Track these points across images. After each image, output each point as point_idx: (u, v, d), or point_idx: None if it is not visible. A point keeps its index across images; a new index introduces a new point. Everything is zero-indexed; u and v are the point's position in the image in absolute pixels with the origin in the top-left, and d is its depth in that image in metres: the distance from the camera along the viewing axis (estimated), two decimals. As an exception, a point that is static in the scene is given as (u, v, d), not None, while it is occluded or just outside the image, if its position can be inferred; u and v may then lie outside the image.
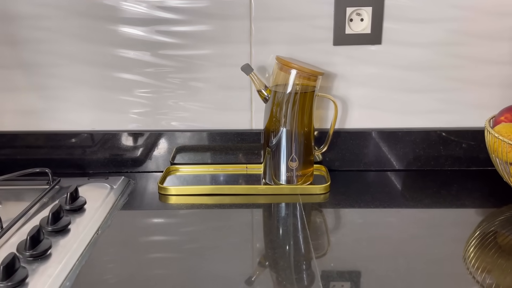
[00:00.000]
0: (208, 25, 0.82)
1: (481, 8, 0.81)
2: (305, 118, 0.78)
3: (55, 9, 0.81)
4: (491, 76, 0.85)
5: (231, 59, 0.84)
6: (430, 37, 0.82)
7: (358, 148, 0.87)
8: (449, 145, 0.87)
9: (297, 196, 0.78)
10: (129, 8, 0.81)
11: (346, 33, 0.82)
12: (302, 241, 0.64)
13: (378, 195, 0.78)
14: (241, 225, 0.69)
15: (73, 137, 0.87)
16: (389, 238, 0.65)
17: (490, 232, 0.66)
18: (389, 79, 0.85)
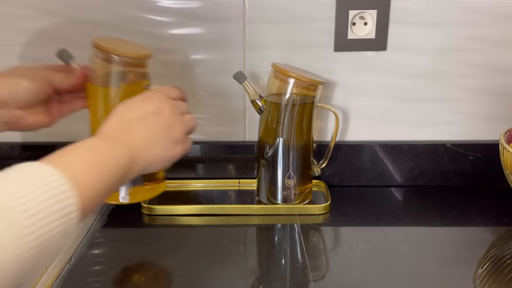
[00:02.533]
0: (197, 28, 0.76)
1: (493, 12, 0.75)
2: (303, 131, 0.71)
3: (28, 10, 0.74)
4: (504, 85, 0.79)
5: (223, 66, 0.78)
6: (439, 43, 0.77)
7: (360, 162, 0.82)
8: (457, 159, 0.82)
9: (294, 217, 0.72)
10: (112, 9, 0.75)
11: (349, 38, 0.76)
12: (299, 269, 0.59)
13: (383, 215, 0.73)
14: (233, 250, 0.64)
15: (48, 147, 0.81)
16: (395, 268, 0.60)
17: (504, 256, 0.62)
18: (394, 88, 0.79)
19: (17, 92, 0.53)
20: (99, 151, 0.44)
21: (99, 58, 0.56)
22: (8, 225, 0.33)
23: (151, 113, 0.50)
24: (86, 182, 0.40)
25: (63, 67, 0.60)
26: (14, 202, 0.34)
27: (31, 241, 0.34)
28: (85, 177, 0.40)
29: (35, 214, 0.35)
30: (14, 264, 0.33)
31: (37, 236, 0.35)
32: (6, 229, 0.33)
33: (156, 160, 0.50)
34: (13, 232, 0.33)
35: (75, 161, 0.41)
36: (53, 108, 0.58)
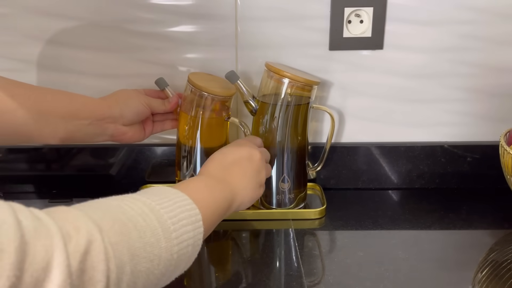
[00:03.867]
0: (188, 26, 0.74)
1: (494, 10, 0.74)
2: (298, 133, 0.69)
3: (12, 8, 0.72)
4: (503, 84, 0.78)
5: (215, 65, 0.75)
6: (437, 41, 0.75)
7: (356, 164, 0.80)
8: (456, 161, 0.80)
9: (289, 222, 0.70)
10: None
11: (344, 36, 0.74)
12: (294, 277, 0.56)
13: (380, 219, 0.71)
14: (225, 256, 0.62)
15: (35, 150, 0.78)
16: (394, 273, 0.58)
17: (504, 260, 0.60)
18: (391, 88, 0.77)
19: (126, 112, 0.63)
20: (213, 186, 0.50)
21: (192, 92, 0.67)
22: (160, 225, 0.37)
23: (244, 158, 0.57)
24: (205, 206, 0.45)
25: (159, 93, 0.70)
26: (160, 205, 0.39)
27: (176, 246, 0.39)
28: (204, 203, 0.45)
29: (178, 221, 0.39)
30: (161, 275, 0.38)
31: (179, 243, 0.39)
32: (163, 240, 0.37)
33: (248, 200, 0.56)
34: (167, 245, 0.38)
35: (195, 189, 0.47)
36: (147, 126, 0.68)
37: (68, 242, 0.29)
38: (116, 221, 0.35)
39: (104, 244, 0.31)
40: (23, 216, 0.28)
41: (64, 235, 0.29)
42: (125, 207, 0.37)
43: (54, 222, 0.30)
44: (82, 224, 0.31)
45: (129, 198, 0.39)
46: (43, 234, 0.28)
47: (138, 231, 0.35)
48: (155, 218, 0.38)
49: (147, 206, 0.38)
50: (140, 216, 0.37)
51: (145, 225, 0.36)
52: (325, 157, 0.75)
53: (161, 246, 0.37)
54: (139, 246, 0.35)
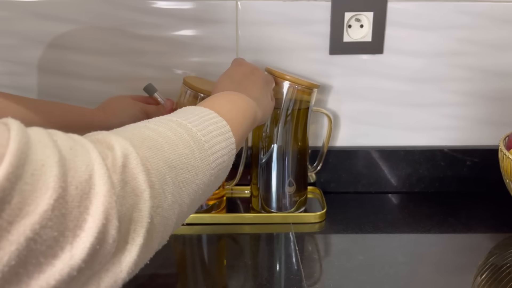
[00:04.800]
0: (189, 30, 0.74)
1: (492, 15, 0.74)
2: (298, 137, 0.69)
3: (11, 11, 0.72)
4: (502, 89, 0.78)
5: (215, 69, 0.75)
6: (436, 46, 0.75)
7: (356, 168, 0.80)
8: (455, 165, 0.80)
9: (289, 225, 0.69)
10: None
11: (344, 40, 0.74)
12: (295, 281, 0.56)
13: (380, 223, 0.71)
14: (225, 260, 0.62)
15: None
16: (394, 277, 0.58)
17: (503, 264, 0.60)
18: (391, 92, 0.77)
19: (126, 121, 0.60)
20: (234, 99, 0.49)
21: (188, 94, 0.67)
22: (191, 138, 0.37)
23: (249, 73, 0.57)
24: (232, 118, 0.44)
25: (147, 98, 0.69)
26: (187, 120, 0.39)
27: (211, 156, 0.39)
28: (233, 119, 0.44)
29: (207, 133, 0.39)
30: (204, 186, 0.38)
31: (213, 153, 0.39)
32: (197, 151, 0.37)
33: (268, 111, 0.56)
34: (201, 156, 0.38)
35: (220, 106, 0.45)
36: None
37: (105, 158, 0.29)
38: (145, 137, 0.34)
39: (140, 157, 0.31)
40: (58, 137, 0.28)
41: (101, 152, 0.29)
42: (152, 126, 0.37)
43: (88, 141, 0.30)
44: (114, 142, 0.31)
45: (155, 119, 0.39)
46: (80, 151, 0.28)
47: (169, 145, 0.35)
48: (184, 132, 0.37)
49: (174, 122, 0.38)
50: (169, 131, 0.37)
51: (176, 138, 0.36)
52: (324, 157, 0.75)
53: (196, 157, 0.37)
54: (174, 158, 0.35)
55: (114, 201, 0.28)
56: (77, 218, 0.26)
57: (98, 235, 0.27)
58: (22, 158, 0.25)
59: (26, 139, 0.26)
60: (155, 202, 0.31)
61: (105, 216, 0.27)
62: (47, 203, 0.25)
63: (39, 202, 0.25)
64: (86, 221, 0.27)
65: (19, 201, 0.24)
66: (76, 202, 0.26)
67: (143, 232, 0.30)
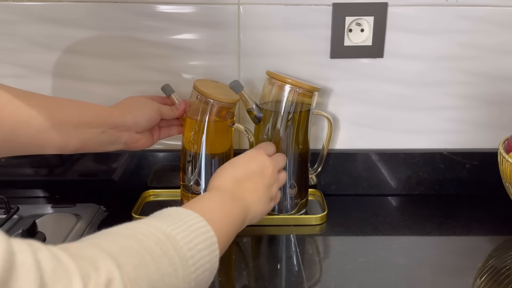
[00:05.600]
0: (192, 34, 0.74)
1: (492, 19, 0.74)
2: (300, 140, 0.70)
3: (17, 14, 0.72)
4: (501, 93, 0.78)
5: (217, 72, 0.76)
6: (436, 50, 0.76)
7: (356, 170, 0.80)
8: (454, 167, 0.80)
9: (290, 228, 0.70)
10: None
11: (345, 45, 0.74)
12: (296, 283, 0.57)
13: (380, 225, 0.71)
14: (226, 262, 0.62)
15: (37, 155, 0.78)
16: (394, 279, 0.58)
17: (503, 267, 0.60)
18: (391, 95, 0.78)
19: (139, 119, 0.63)
20: (227, 204, 0.50)
21: (198, 99, 0.67)
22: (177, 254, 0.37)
23: (256, 172, 0.56)
24: (221, 227, 0.45)
25: (164, 99, 0.70)
26: (175, 230, 0.39)
27: (193, 274, 0.38)
28: (219, 224, 0.45)
29: (194, 247, 0.39)
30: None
31: (196, 269, 0.39)
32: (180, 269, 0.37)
33: (259, 215, 0.55)
34: (184, 274, 0.37)
35: (209, 209, 0.46)
36: (155, 132, 0.68)
37: (88, 282, 0.29)
38: (133, 255, 0.34)
39: (124, 282, 0.31)
40: (42, 255, 0.28)
41: (84, 276, 0.29)
42: (141, 237, 0.37)
43: (72, 261, 0.29)
44: (101, 262, 0.31)
45: (144, 226, 0.39)
46: (62, 275, 0.28)
47: (155, 262, 0.35)
48: (171, 246, 0.37)
49: (163, 233, 0.38)
50: (156, 246, 0.36)
51: (162, 254, 0.36)
52: (324, 159, 0.76)
53: (179, 275, 0.37)
54: (157, 278, 0.34)
55: None
56: None
57: None
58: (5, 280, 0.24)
59: (9, 265, 0.25)
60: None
61: None
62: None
63: None
64: None
65: None
66: None
67: None
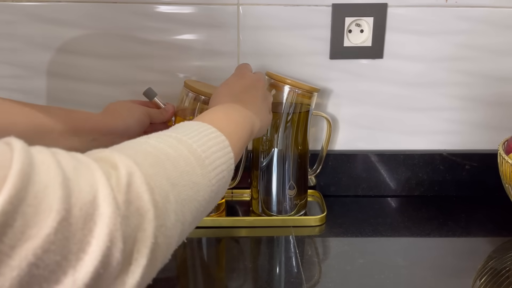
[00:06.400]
0: (191, 34, 0.74)
1: (490, 20, 0.74)
2: (299, 141, 0.70)
3: (15, 15, 0.72)
4: (500, 94, 0.78)
5: (216, 73, 0.75)
6: (436, 51, 0.76)
7: (356, 171, 0.80)
8: (454, 168, 0.80)
9: (289, 229, 0.70)
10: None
11: (345, 45, 0.74)
12: (295, 284, 0.56)
13: (379, 227, 0.71)
14: (225, 263, 0.62)
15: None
16: (393, 281, 0.58)
17: (502, 268, 0.61)
18: (391, 96, 0.78)
19: (132, 124, 0.61)
20: (231, 113, 0.49)
21: (189, 97, 0.67)
22: (192, 154, 0.37)
23: (250, 86, 0.57)
24: (231, 133, 0.44)
25: (147, 103, 0.68)
26: (187, 136, 0.39)
27: (212, 172, 0.38)
28: (229, 130, 0.44)
29: (207, 149, 0.39)
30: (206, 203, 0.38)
31: (214, 169, 0.39)
32: (198, 168, 0.37)
33: (265, 124, 0.56)
34: (202, 172, 0.37)
35: (216, 118, 0.46)
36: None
37: (110, 177, 0.29)
38: (147, 155, 0.34)
39: (144, 176, 0.31)
40: (61, 156, 0.28)
41: (105, 172, 0.29)
42: (153, 142, 0.37)
43: (92, 160, 0.30)
44: (118, 160, 0.31)
45: (154, 135, 0.39)
46: (84, 171, 0.28)
47: (171, 162, 0.35)
48: (184, 148, 0.37)
49: (174, 139, 0.38)
50: (170, 148, 0.36)
51: (177, 155, 0.36)
52: (323, 160, 0.76)
53: (197, 173, 0.37)
54: (176, 175, 0.35)
55: (119, 222, 0.27)
56: (80, 241, 0.26)
57: (102, 258, 0.26)
58: (25, 180, 0.24)
59: (29, 160, 0.25)
60: (159, 221, 0.31)
61: (110, 239, 0.27)
62: (50, 226, 0.24)
63: (42, 225, 0.24)
64: (90, 244, 0.26)
65: (21, 224, 0.23)
66: (80, 224, 0.26)
67: (147, 252, 0.30)
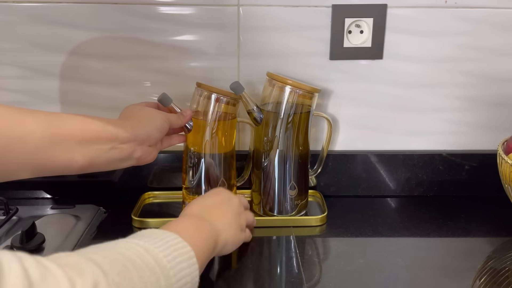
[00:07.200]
0: (191, 35, 0.74)
1: (490, 21, 0.75)
2: (300, 141, 0.70)
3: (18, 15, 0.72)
4: (500, 94, 0.78)
5: (217, 73, 0.76)
6: (436, 52, 0.76)
7: (356, 172, 0.80)
8: (454, 169, 0.80)
9: (290, 229, 0.70)
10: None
11: (344, 46, 0.74)
12: (295, 284, 0.56)
13: (379, 227, 0.71)
14: (226, 263, 0.62)
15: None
16: (393, 281, 0.58)
17: (502, 268, 0.61)
18: (391, 97, 0.78)
19: (152, 131, 0.58)
20: (198, 225, 0.51)
21: (201, 96, 0.66)
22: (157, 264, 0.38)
23: (223, 201, 0.59)
24: (197, 244, 0.45)
25: (161, 107, 0.66)
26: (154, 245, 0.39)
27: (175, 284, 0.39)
28: (195, 241, 0.45)
29: (173, 259, 0.40)
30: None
31: (178, 280, 0.39)
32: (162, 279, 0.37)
33: (231, 241, 0.56)
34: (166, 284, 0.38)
35: (183, 229, 0.47)
36: (158, 143, 0.63)
37: (75, 285, 0.29)
38: (115, 262, 0.35)
39: (109, 286, 0.31)
40: (28, 263, 0.28)
41: (70, 280, 0.29)
42: (121, 250, 0.37)
43: (58, 267, 0.30)
44: (85, 267, 0.31)
45: (122, 242, 0.39)
46: (50, 280, 0.28)
47: (137, 271, 0.36)
48: (151, 258, 0.38)
49: (141, 247, 0.39)
50: (137, 257, 0.37)
51: (143, 264, 0.37)
52: (324, 160, 0.76)
53: (161, 284, 0.37)
54: (140, 286, 0.35)
55: None
56: None
57: None
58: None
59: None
60: None
61: None
62: None
63: None
64: None
65: None
66: None
67: None
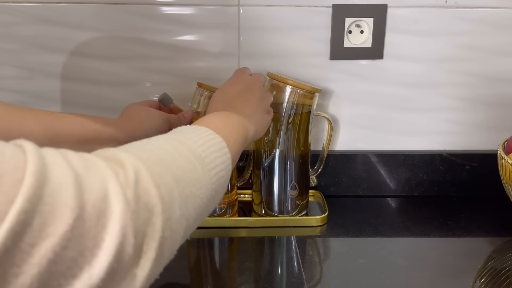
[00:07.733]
0: (192, 35, 0.74)
1: (490, 21, 0.75)
2: (301, 141, 0.70)
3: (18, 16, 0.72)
4: (500, 94, 0.78)
5: (217, 74, 0.76)
6: (436, 51, 0.76)
7: (356, 172, 0.80)
8: (454, 169, 0.80)
9: (290, 229, 0.70)
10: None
11: (345, 46, 0.74)
12: (296, 284, 0.56)
13: (380, 227, 0.71)
14: (227, 264, 0.62)
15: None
16: (394, 281, 0.58)
17: (502, 268, 0.61)
18: (391, 97, 0.78)
19: (151, 133, 0.58)
20: (226, 118, 0.50)
21: (202, 96, 0.67)
22: (192, 154, 0.38)
23: (244, 89, 0.58)
24: (227, 135, 0.45)
25: (167, 109, 0.67)
26: (185, 138, 0.40)
27: (212, 171, 0.39)
28: (225, 132, 0.45)
29: (206, 149, 0.40)
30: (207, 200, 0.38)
31: (213, 167, 0.40)
32: (199, 166, 0.38)
33: (260, 127, 0.57)
34: (203, 170, 0.38)
35: (211, 122, 0.46)
36: None
37: (118, 175, 0.30)
38: (151, 153, 0.35)
39: (150, 173, 0.32)
40: (71, 156, 0.29)
41: (113, 170, 0.30)
42: (154, 143, 0.38)
43: (100, 159, 0.31)
44: (124, 159, 0.32)
45: (155, 138, 0.40)
46: (93, 170, 0.29)
47: (174, 160, 0.36)
48: (184, 148, 0.38)
49: (174, 140, 0.39)
50: (171, 148, 0.38)
51: (178, 155, 0.37)
52: (324, 160, 0.76)
53: (198, 171, 0.38)
54: (179, 173, 0.36)
55: (130, 218, 0.28)
56: (95, 237, 0.27)
57: (115, 253, 0.27)
58: (40, 180, 0.25)
59: (42, 161, 0.26)
60: (166, 215, 0.32)
61: (122, 234, 0.27)
62: (66, 223, 0.25)
63: (58, 223, 0.25)
64: (103, 240, 0.27)
65: (39, 223, 0.24)
66: (94, 221, 0.27)
67: (156, 246, 0.30)
